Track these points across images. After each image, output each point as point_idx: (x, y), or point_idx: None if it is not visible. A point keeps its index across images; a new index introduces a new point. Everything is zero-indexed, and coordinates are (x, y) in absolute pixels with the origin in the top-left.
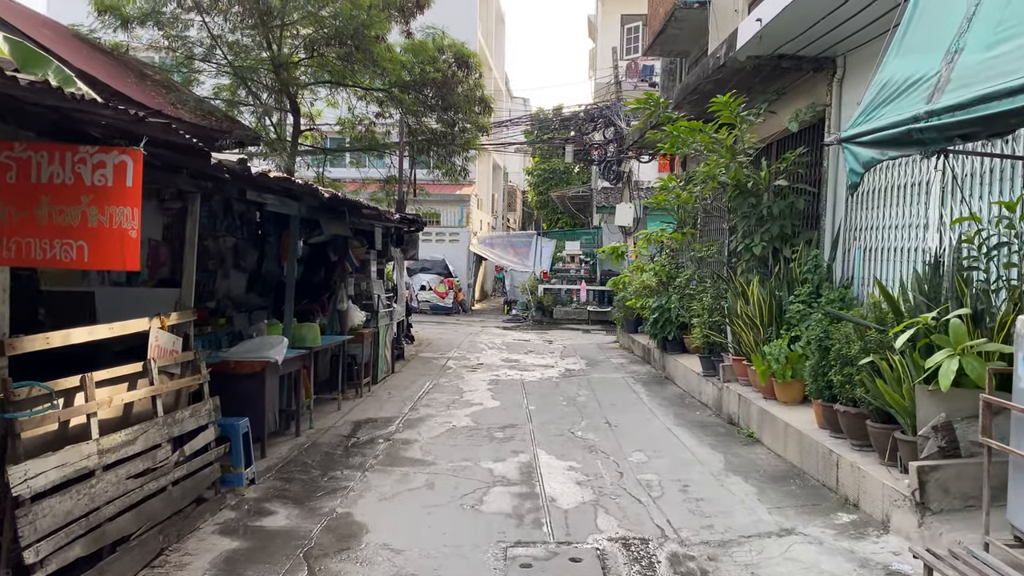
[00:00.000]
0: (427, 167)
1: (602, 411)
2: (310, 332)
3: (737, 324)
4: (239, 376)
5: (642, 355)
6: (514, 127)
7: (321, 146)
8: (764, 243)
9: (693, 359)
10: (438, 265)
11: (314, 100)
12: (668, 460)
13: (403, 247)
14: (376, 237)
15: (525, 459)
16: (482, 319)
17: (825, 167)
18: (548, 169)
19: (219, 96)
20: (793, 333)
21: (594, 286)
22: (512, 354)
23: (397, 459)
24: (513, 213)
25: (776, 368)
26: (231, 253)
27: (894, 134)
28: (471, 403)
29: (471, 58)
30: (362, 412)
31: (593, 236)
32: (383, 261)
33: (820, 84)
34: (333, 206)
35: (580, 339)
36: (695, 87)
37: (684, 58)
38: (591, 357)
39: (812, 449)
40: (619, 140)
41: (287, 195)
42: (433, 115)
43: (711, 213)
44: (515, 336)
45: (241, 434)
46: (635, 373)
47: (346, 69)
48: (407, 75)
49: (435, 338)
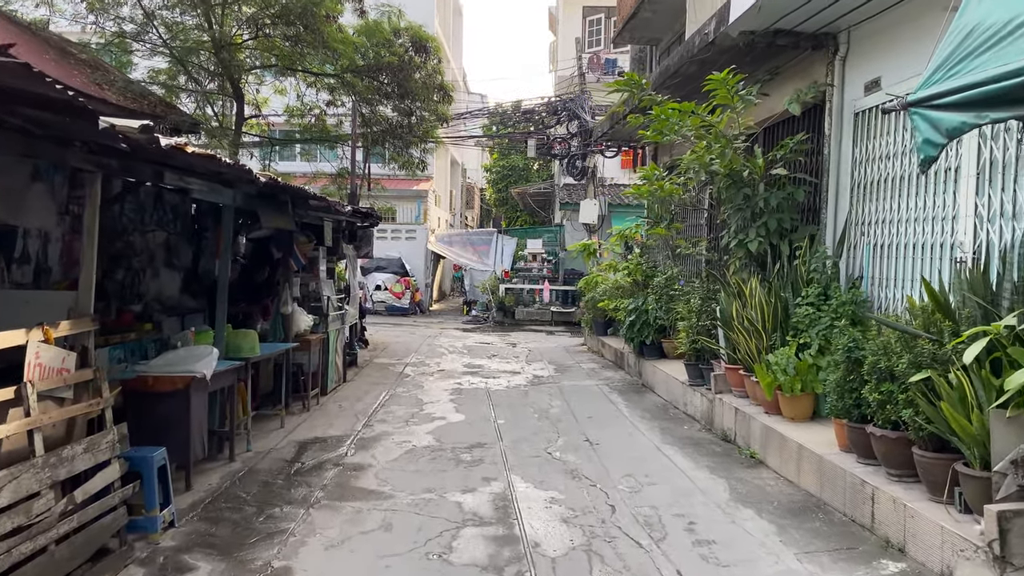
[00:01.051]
0: (383, 160)
1: (579, 425)
2: (247, 340)
3: (736, 329)
4: (159, 395)
5: (614, 360)
6: (474, 120)
7: (268, 136)
8: (760, 238)
9: (675, 365)
10: (394, 264)
11: (259, 86)
12: (664, 488)
13: (356, 244)
14: (325, 232)
15: (499, 488)
16: (441, 320)
17: (826, 154)
18: (507, 166)
19: (156, 80)
20: (801, 340)
21: (557, 286)
22: (475, 359)
23: (348, 490)
24: (471, 211)
25: (784, 380)
26: (162, 249)
27: (1007, 88)
28: (433, 417)
29: (429, 42)
30: (309, 429)
31: (555, 234)
32: (334, 259)
33: (817, 64)
34: (273, 194)
35: (545, 342)
36: (676, 70)
37: (655, 46)
38: (559, 362)
39: (836, 477)
40: (584, 134)
41: (217, 180)
42: (389, 103)
43: (688, 207)
44: (476, 339)
45: (156, 468)
46: (609, 380)
47: (294, 52)
48: (360, 59)
49: (391, 341)
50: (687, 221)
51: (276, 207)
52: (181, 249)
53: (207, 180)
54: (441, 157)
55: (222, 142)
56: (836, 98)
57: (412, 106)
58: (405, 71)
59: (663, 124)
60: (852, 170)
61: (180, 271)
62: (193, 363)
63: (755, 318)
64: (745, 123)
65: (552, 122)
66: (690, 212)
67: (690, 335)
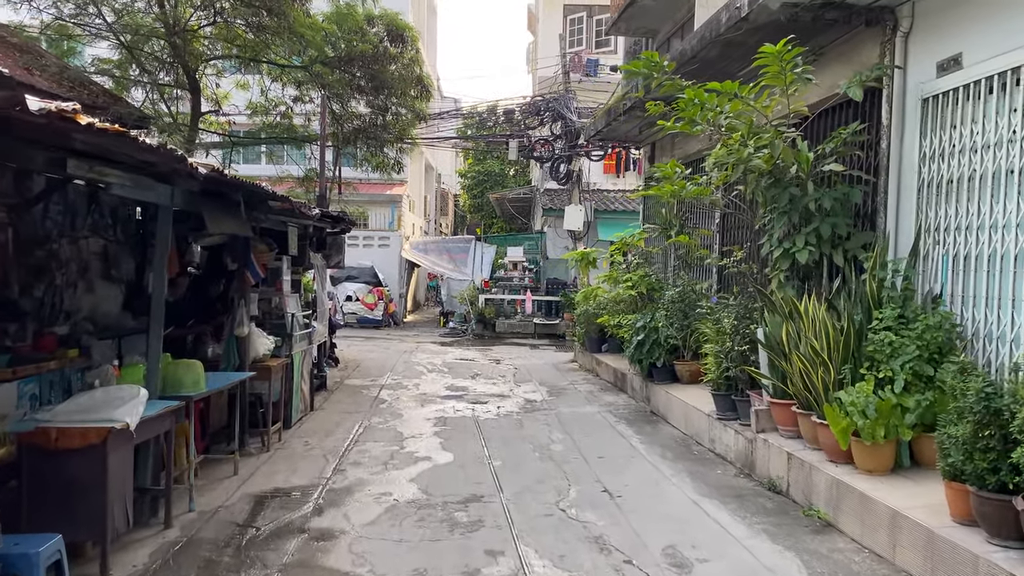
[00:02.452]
0: (355, 161)
1: (591, 469)
2: (189, 373)
3: (788, 357)
4: (65, 453)
5: (613, 381)
6: (449, 122)
7: (229, 134)
8: (811, 247)
9: (693, 392)
10: (366, 273)
11: (219, 80)
12: (720, 568)
13: (326, 252)
14: (290, 239)
15: (509, 569)
16: (416, 333)
17: (883, 148)
18: (483, 171)
19: (103, 70)
20: (881, 373)
21: (540, 296)
22: (457, 379)
23: (315, 573)
24: (445, 217)
25: (863, 425)
26: (98, 259)
27: None
28: (416, 457)
29: (406, 31)
30: (268, 477)
31: (536, 241)
32: (300, 270)
33: (867, 42)
34: (221, 192)
35: (531, 357)
36: (695, 53)
37: (651, 38)
38: (551, 383)
39: (959, 562)
40: (569, 135)
41: (146, 172)
42: (362, 99)
43: (698, 212)
44: (456, 354)
45: (45, 567)
46: (612, 406)
47: (258, 42)
48: (331, 50)
49: (364, 358)
50: (695, 226)
51: (225, 208)
52: (122, 259)
53: (131, 172)
54: (416, 161)
55: (175, 139)
56: (898, 81)
57: (387, 102)
58: (380, 62)
59: (694, 111)
60: (919, 166)
61: (121, 284)
62: (112, 409)
63: (819, 346)
64: (796, 108)
65: (535, 123)
66: (700, 217)
67: (721, 361)
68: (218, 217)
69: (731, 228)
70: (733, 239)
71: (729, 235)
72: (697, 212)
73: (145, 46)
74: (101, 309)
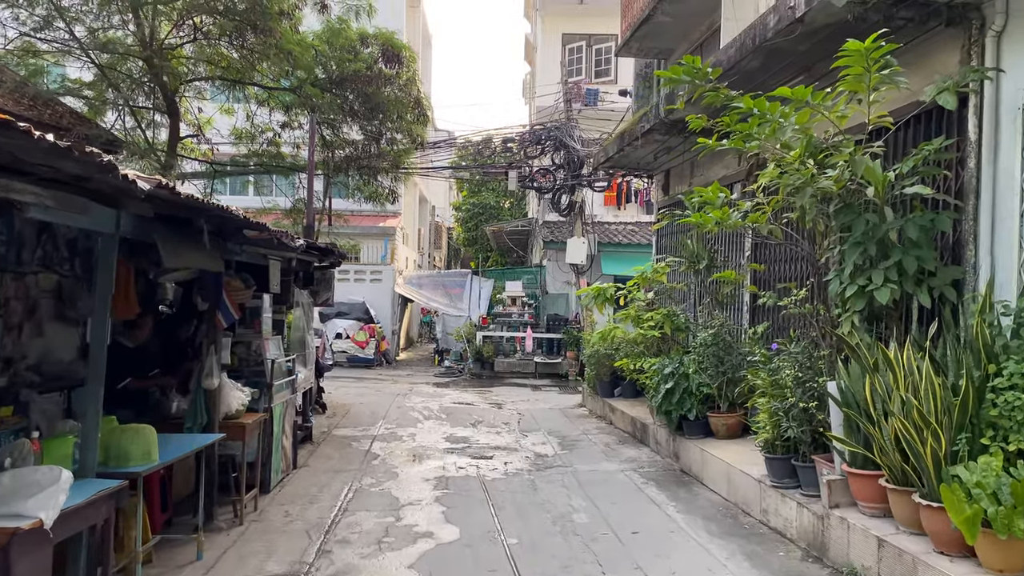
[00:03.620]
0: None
1: (625, 548)
2: (137, 442)
3: (876, 419)
4: None
5: (631, 431)
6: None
7: (212, 162)
8: (892, 284)
9: (733, 451)
10: (357, 309)
11: (202, 106)
12: None
13: (313, 288)
14: (271, 275)
15: None
16: (410, 373)
17: (971, 166)
18: (478, 204)
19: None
20: (1013, 445)
21: (540, 332)
22: (457, 427)
23: None
24: (439, 251)
25: (996, 513)
26: (50, 297)
27: None
28: (415, 532)
29: (403, 51)
30: (238, 564)
31: (536, 275)
32: (283, 309)
33: (945, 44)
34: (180, 217)
35: (535, 401)
36: (732, 64)
37: (665, 59)
38: (562, 432)
39: None
40: (571, 165)
41: (80, 190)
42: (355, 124)
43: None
44: (454, 397)
45: None
46: (634, 463)
47: (244, 63)
48: (321, 71)
49: (354, 403)
50: (726, 259)
51: (188, 238)
52: (79, 296)
53: (55, 188)
54: (410, 193)
55: (148, 164)
56: (988, 89)
57: (382, 127)
58: (374, 84)
59: (754, 122)
60: (1022, 188)
61: (78, 327)
62: (23, 500)
63: (927, 408)
64: (877, 119)
65: (535, 151)
66: (730, 249)
67: (779, 419)
68: (177, 249)
69: (774, 261)
70: (778, 275)
71: (777, 269)
72: (726, 243)
73: (120, 65)
74: (52, 356)
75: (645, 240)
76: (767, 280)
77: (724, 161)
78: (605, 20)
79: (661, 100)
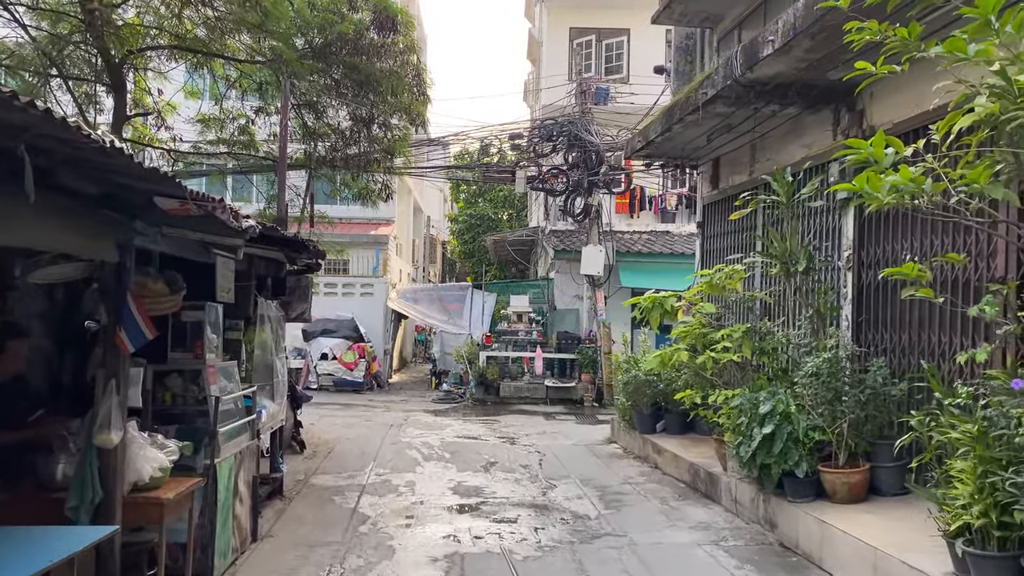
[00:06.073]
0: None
1: None
2: None
3: None
4: None
5: (689, 480)
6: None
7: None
8: None
9: (869, 523)
10: (345, 326)
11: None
12: None
13: (285, 299)
14: (218, 276)
15: None
16: (404, 398)
17: None
18: (475, 214)
19: None
20: None
21: (550, 352)
22: (465, 472)
23: None
24: (433, 265)
25: None
26: None
27: None
28: None
29: (399, 15)
30: None
31: (543, 289)
32: (239, 324)
33: None
34: None
35: (553, 434)
36: None
37: (711, 28)
38: (597, 480)
39: None
40: (587, 162)
41: None
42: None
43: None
44: (457, 429)
45: None
46: (709, 529)
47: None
48: (301, 41)
49: (340, 437)
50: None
51: (45, 202)
52: None
53: None
54: (404, 201)
55: None
56: None
57: (374, 109)
58: (364, 53)
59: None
60: None
61: None
62: None
63: None
64: None
65: (546, 149)
66: (821, 242)
67: (990, 493)
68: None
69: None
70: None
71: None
72: (811, 233)
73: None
74: None
75: (666, 250)
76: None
77: (805, 137)
78: (616, 13)
79: (737, 54)
